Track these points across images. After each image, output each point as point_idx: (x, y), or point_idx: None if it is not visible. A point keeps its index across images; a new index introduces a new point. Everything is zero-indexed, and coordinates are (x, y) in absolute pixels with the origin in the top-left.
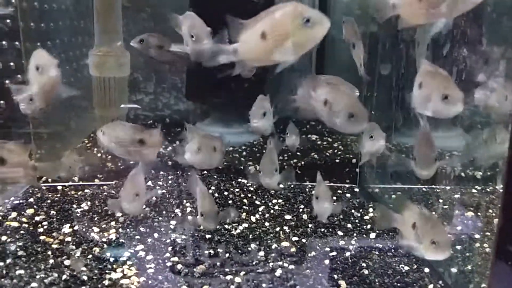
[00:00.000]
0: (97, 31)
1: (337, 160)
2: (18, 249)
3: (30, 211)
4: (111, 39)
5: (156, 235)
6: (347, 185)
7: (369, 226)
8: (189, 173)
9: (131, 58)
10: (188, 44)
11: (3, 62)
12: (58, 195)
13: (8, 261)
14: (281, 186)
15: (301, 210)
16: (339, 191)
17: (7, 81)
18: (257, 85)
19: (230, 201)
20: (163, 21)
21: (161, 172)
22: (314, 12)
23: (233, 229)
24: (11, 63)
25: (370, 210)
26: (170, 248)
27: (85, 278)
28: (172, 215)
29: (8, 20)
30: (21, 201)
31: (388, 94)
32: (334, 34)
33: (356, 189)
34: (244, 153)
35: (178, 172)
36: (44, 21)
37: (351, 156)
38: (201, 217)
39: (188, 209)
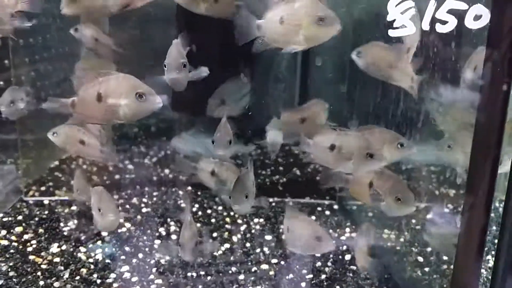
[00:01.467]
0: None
1: (318, 177)
2: (9, 270)
3: (19, 229)
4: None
5: (140, 255)
6: (326, 202)
7: (345, 248)
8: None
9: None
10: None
11: None
12: (46, 212)
13: (0, 282)
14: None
15: (281, 230)
16: (319, 208)
17: None
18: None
19: (212, 220)
20: (150, 29)
21: (146, 189)
22: (328, 12)
23: (216, 250)
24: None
25: (347, 230)
26: (154, 270)
27: None
28: (157, 234)
29: None
30: (10, 218)
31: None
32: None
33: (335, 206)
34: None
35: (162, 188)
36: (32, 36)
37: None
38: (179, 246)
39: (172, 228)
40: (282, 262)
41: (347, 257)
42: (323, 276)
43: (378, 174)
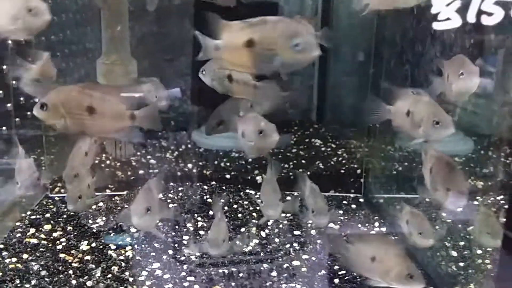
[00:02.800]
0: (104, 39)
1: (342, 170)
2: (41, 269)
3: (47, 227)
4: (119, 47)
5: (170, 251)
6: (352, 195)
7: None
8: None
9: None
10: None
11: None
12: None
13: (33, 282)
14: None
15: (309, 225)
16: (344, 202)
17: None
18: None
19: (239, 215)
20: (168, 25)
21: (171, 184)
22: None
23: (246, 246)
24: None
25: (376, 224)
26: (185, 267)
27: None
28: (185, 229)
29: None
30: (38, 216)
31: None
32: (338, 37)
33: (361, 199)
34: (250, 159)
35: (188, 183)
36: (54, 32)
37: (356, 165)
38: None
39: (200, 224)
40: (314, 258)
41: None
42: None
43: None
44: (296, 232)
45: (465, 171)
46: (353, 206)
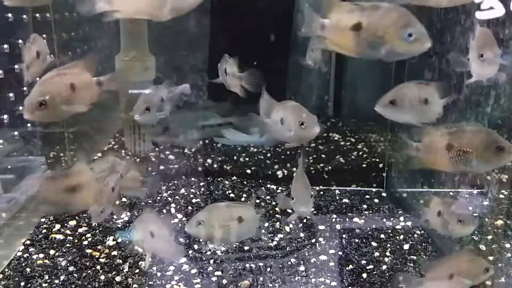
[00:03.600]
0: (123, 35)
1: (364, 164)
2: (68, 264)
3: (72, 223)
4: (137, 43)
5: (195, 246)
6: (374, 189)
7: (401, 237)
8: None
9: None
10: None
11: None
12: None
13: (62, 278)
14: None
15: (334, 220)
16: (367, 196)
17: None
18: (279, 82)
19: (262, 209)
20: (185, 21)
21: (192, 179)
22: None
23: (270, 240)
24: None
25: (401, 218)
26: (212, 261)
27: None
28: None
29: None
30: None
31: None
32: None
33: (384, 194)
34: (269, 154)
35: (209, 179)
36: (74, 30)
37: (377, 159)
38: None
39: None
40: (340, 253)
41: (406, 246)
42: (384, 267)
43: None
44: (321, 227)
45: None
46: (376, 200)
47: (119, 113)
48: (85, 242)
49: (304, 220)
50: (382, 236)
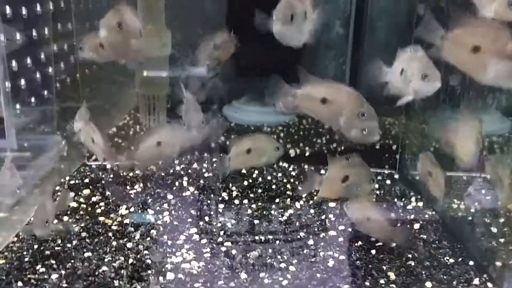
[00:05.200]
0: (139, 9)
1: (377, 146)
2: (81, 230)
3: (86, 192)
4: (155, 17)
5: (207, 218)
6: (386, 171)
7: (412, 216)
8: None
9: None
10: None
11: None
12: (111, 176)
13: (75, 242)
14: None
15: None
16: (379, 177)
17: None
18: (292, 62)
19: (273, 186)
20: None
21: (205, 154)
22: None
23: (280, 215)
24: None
25: (413, 199)
26: (222, 232)
27: (149, 262)
28: (220, 198)
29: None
30: (77, 181)
31: None
32: (373, 13)
33: (396, 176)
34: (282, 134)
35: (221, 155)
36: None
37: (391, 141)
38: None
39: (234, 193)
40: (350, 230)
41: (416, 226)
42: (393, 244)
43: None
44: (331, 204)
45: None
46: (388, 182)
47: (135, 89)
48: (98, 211)
49: (315, 197)
50: (393, 215)
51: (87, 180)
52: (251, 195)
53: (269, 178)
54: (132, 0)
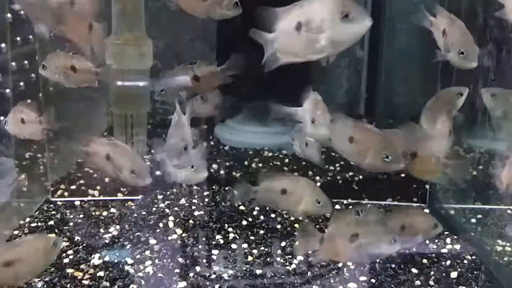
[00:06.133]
0: (115, 14)
1: (402, 174)
2: (46, 287)
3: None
4: (132, 24)
5: (198, 268)
6: (414, 205)
7: (448, 263)
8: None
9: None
10: None
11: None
12: (81, 216)
13: None
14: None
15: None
16: None
17: None
18: (299, 75)
19: (278, 226)
20: None
21: (195, 187)
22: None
23: (287, 263)
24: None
25: (448, 240)
26: (217, 286)
27: None
28: (213, 242)
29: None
30: (39, 223)
31: None
32: (392, 14)
33: (426, 210)
34: (287, 159)
35: (214, 187)
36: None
37: None
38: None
39: (231, 235)
40: (373, 281)
41: (454, 275)
42: None
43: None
44: None
45: None
46: None
47: (109, 107)
48: (66, 260)
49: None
50: (425, 261)
51: (51, 222)
52: (252, 238)
53: (272, 216)
54: (107, 3)
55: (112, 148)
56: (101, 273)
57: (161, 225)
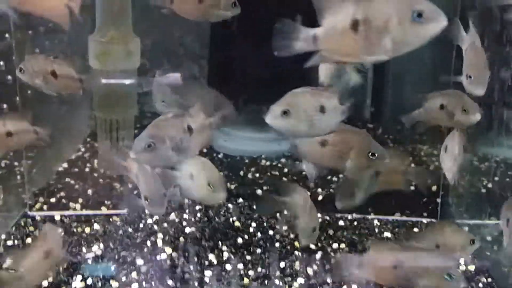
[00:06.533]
0: (99, 9)
1: (412, 187)
2: None
3: None
4: (118, 20)
5: None
6: (424, 220)
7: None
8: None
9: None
10: None
11: None
12: (61, 233)
13: None
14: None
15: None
16: (415, 228)
17: None
18: (300, 76)
19: (277, 244)
20: None
21: (186, 201)
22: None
23: (287, 287)
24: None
25: (461, 261)
26: None
27: None
28: (206, 262)
29: None
30: (16, 241)
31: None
32: None
33: None
34: (285, 169)
35: None
36: None
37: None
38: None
39: (226, 255)
40: None
41: None
42: None
43: None
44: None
45: None
46: None
47: (92, 111)
48: (45, 283)
49: (332, 260)
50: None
51: (29, 240)
52: (248, 257)
53: (270, 233)
54: None
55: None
56: None
57: (149, 243)
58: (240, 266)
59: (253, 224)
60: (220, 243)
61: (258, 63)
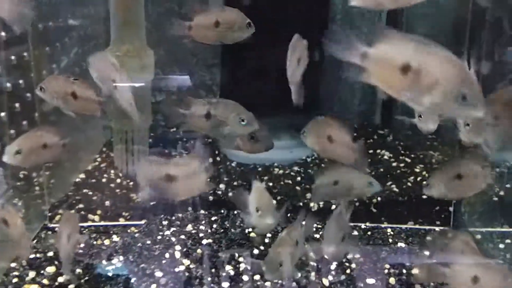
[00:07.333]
0: (114, 23)
1: (424, 194)
2: None
3: (51, 269)
4: (132, 33)
5: None
6: (437, 228)
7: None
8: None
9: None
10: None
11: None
12: (81, 245)
13: None
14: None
15: (386, 271)
16: (428, 237)
17: None
18: (312, 84)
19: None
20: (189, 3)
21: (201, 211)
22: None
23: None
24: None
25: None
26: None
27: None
28: (223, 273)
29: None
30: (37, 255)
31: None
32: (410, 16)
33: (450, 235)
34: (299, 177)
35: (222, 211)
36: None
37: None
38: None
39: (242, 266)
40: None
41: None
42: None
43: None
44: (370, 281)
45: None
46: None
47: (108, 121)
48: None
49: (348, 270)
50: None
51: (50, 253)
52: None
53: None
54: (105, 12)
55: None
56: None
57: (167, 255)
58: (257, 277)
59: (268, 235)
60: (236, 254)
61: (271, 72)
